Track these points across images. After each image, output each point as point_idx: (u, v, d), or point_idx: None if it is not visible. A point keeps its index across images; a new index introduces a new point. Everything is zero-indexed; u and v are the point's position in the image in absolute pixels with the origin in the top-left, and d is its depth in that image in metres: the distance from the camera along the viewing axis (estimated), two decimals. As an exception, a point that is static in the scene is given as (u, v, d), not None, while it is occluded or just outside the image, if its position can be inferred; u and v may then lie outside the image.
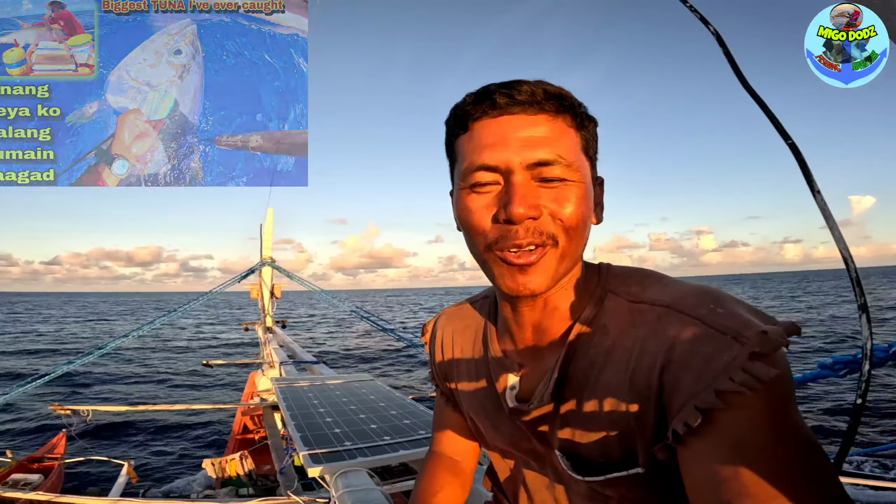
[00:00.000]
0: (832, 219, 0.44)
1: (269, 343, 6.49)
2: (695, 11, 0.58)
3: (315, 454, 1.72)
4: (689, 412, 0.42)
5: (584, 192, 0.52)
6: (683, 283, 0.53)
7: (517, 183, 0.50)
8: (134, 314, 48.72)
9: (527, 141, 0.51)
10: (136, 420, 8.48)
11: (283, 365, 4.44)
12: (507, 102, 0.51)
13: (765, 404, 0.41)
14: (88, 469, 5.78)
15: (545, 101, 0.51)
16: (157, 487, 5.76)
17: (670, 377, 0.45)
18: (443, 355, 0.76)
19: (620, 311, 0.53)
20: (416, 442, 1.81)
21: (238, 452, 4.64)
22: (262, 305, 9.21)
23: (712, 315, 0.45)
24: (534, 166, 0.50)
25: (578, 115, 0.54)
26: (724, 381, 0.41)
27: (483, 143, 0.52)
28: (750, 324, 0.42)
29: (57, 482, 5.03)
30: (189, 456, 7.07)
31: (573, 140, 0.53)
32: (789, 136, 0.49)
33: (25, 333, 28.44)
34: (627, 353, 0.50)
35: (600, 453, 0.52)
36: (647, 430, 0.48)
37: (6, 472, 4.90)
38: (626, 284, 0.55)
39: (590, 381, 0.53)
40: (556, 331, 0.57)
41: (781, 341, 0.41)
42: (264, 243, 9.14)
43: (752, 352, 0.41)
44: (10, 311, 56.54)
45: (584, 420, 0.53)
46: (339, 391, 2.75)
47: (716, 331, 0.44)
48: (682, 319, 0.47)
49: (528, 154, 0.50)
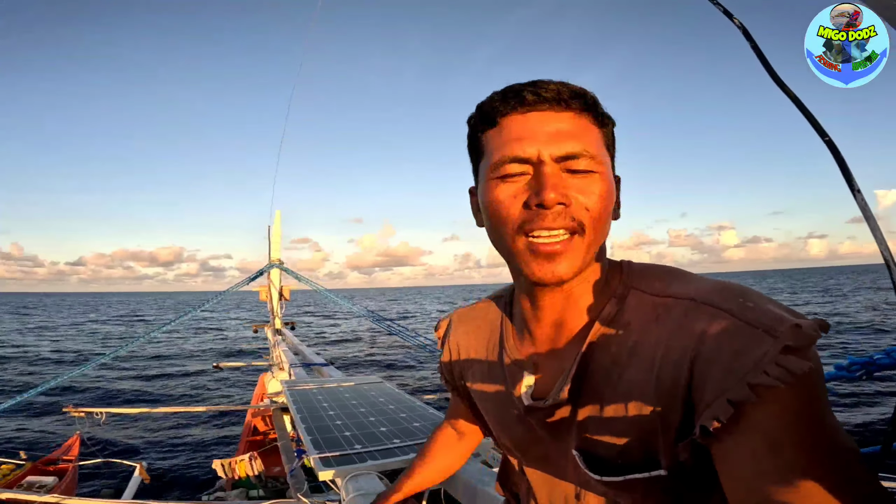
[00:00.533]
0: (874, 219, 0.42)
1: (278, 346, 6.53)
2: (717, 4, 0.56)
3: (325, 457, 1.72)
4: (721, 406, 0.41)
5: (608, 185, 0.54)
6: (707, 279, 0.52)
7: (548, 172, 0.52)
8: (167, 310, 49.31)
9: (555, 135, 0.52)
10: (148, 421, 8.56)
11: (293, 367, 4.45)
12: (534, 99, 0.53)
13: (799, 399, 0.40)
14: (102, 471, 5.83)
15: (570, 99, 0.54)
16: (169, 488, 5.81)
17: (699, 372, 0.44)
18: (458, 354, 0.77)
19: (644, 307, 0.53)
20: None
21: (248, 454, 4.67)
22: (270, 307, 9.26)
23: (742, 309, 0.45)
24: (562, 159, 0.52)
25: (599, 113, 0.56)
26: (757, 374, 0.40)
27: (513, 136, 0.54)
28: (782, 318, 0.42)
29: (71, 484, 5.09)
30: (200, 457, 7.12)
31: (596, 136, 0.55)
32: (826, 133, 0.47)
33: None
34: (652, 350, 0.49)
35: (619, 453, 0.52)
36: (672, 429, 0.47)
37: (21, 474, 4.96)
38: (648, 280, 0.55)
39: (612, 380, 0.52)
40: (576, 327, 0.57)
41: (815, 335, 0.41)
42: (272, 245, 9.18)
43: (786, 345, 0.40)
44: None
45: (605, 419, 0.53)
46: (348, 394, 2.75)
47: (747, 324, 0.43)
48: (711, 313, 0.46)
49: (556, 147, 0.52)
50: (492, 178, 0.55)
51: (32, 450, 5.81)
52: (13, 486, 4.69)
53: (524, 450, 0.66)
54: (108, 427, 6.63)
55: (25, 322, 37.72)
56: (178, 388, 12.75)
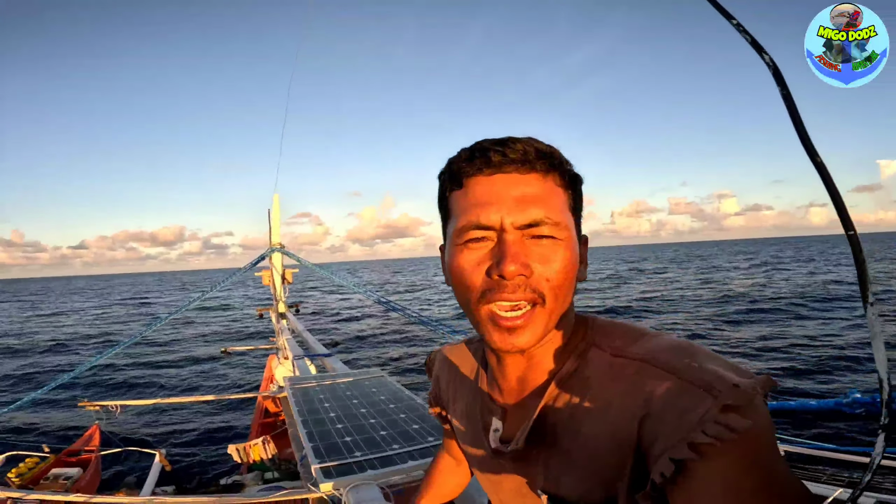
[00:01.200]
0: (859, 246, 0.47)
1: (282, 333, 6.64)
2: (744, 32, 0.54)
3: (326, 467, 1.80)
4: (664, 463, 0.45)
5: (571, 253, 0.55)
6: (664, 338, 0.55)
7: (509, 241, 0.52)
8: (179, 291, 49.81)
9: (519, 200, 0.53)
10: (162, 411, 8.79)
11: (296, 360, 4.55)
12: (501, 160, 0.54)
13: (741, 455, 0.43)
14: (123, 460, 6.04)
15: (536, 160, 0.54)
16: (188, 474, 6.02)
17: (648, 430, 0.48)
18: (440, 390, 0.83)
19: (602, 365, 0.56)
20: (423, 451, 1.88)
21: (261, 437, 4.82)
22: (273, 291, 9.34)
23: (687, 369, 0.48)
24: (525, 227, 0.53)
25: (566, 173, 0.57)
26: (697, 433, 0.43)
27: (478, 200, 0.54)
28: (723, 377, 0.45)
29: (95, 475, 5.23)
30: (215, 442, 7.36)
31: (561, 199, 0.56)
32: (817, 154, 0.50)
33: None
34: (607, 407, 0.52)
35: (580, 497, 0.55)
36: (627, 477, 0.51)
37: (46, 466, 5.08)
38: (609, 338, 0.58)
39: (570, 431, 0.55)
40: (537, 382, 0.60)
41: (754, 393, 0.43)
42: (273, 229, 9.18)
43: (725, 404, 0.43)
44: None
45: (565, 465, 0.56)
46: (349, 391, 2.84)
47: (690, 384, 0.46)
48: (658, 374, 0.49)
49: (519, 214, 0.53)
50: (457, 243, 0.56)
51: (53, 443, 5.99)
52: (39, 479, 4.84)
53: (499, 483, 0.69)
54: (123, 418, 6.79)
55: (38, 309, 38.15)
56: (188, 375, 12.97)
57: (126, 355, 14.47)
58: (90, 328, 24.85)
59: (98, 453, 5.52)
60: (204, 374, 13.05)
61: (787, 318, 15.19)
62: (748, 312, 16.60)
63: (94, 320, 28.92)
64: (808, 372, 9.27)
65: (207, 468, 6.44)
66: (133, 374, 13.12)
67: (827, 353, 10.40)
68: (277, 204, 9.37)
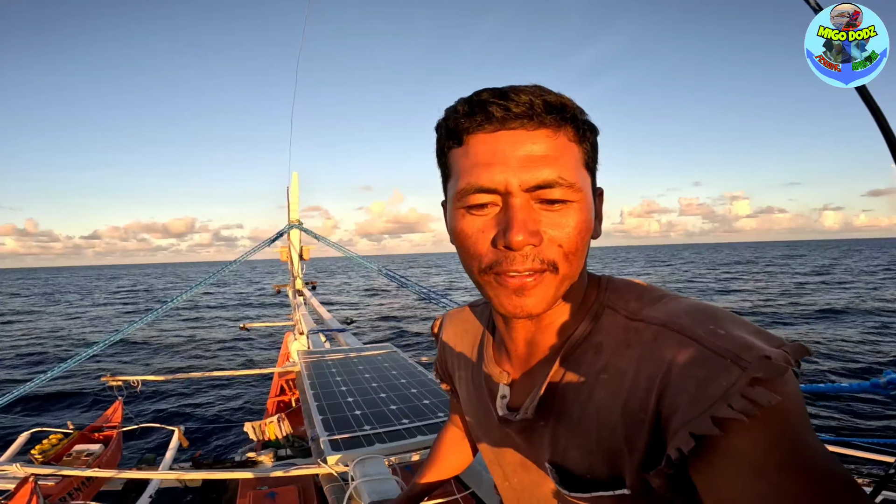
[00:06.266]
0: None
1: (298, 308, 6.65)
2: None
3: (335, 440, 1.73)
4: (683, 438, 0.41)
5: (586, 213, 0.50)
6: (684, 300, 0.50)
7: (516, 207, 0.47)
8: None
9: (526, 160, 0.47)
10: (182, 387, 8.98)
11: (311, 334, 4.52)
12: (503, 115, 0.47)
13: (768, 431, 0.39)
14: (143, 436, 6.18)
15: (545, 113, 0.47)
16: (205, 450, 6.13)
17: (666, 402, 0.44)
18: (445, 355, 0.80)
19: (616, 329, 0.52)
20: (433, 426, 1.80)
21: (276, 415, 4.86)
22: (291, 268, 9.41)
23: (712, 336, 0.43)
24: (534, 189, 0.47)
25: (580, 126, 0.50)
26: (721, 407, 0.39)
27: (480, 160, 0.48)
28: (752, 346, 0.40)
29: (116, 451, 5.38)
30: (232, 419, 7.48)
31: (575, 156, 0.50)
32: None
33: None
34: (621, 374, 0.49)
35: (587, 470, 0.52)
36: (637, 453, 0.47)
37: (70, 442, 5.25)
38: (624, 300, 0.54)
39: (580, 399, 0.52)
40: (547, 346, 0.57)
41: (786, 365, 0.39)
42: (291, 206, 9.20)
43: (754, 377, 0.39)
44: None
45: (574, 437, 0.53)
46: (361, 365, 2.77)
47: (714, 352, 0.42)
48: (678, 340, 0.45)
49: (527, 175, 0.47)
50: (458, 206, 0.51)
51: (77, 418, 6.14)
52: (62, 455, 4.98)
53: (501, 453, 0.67)
54: (144, 393, 6.99)
55: (57, 299, 39.23)
56: (207, 351, 13.29)
57: (147, 333, 14.81)
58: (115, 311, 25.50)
59: (120, 429, 5.67)
60: (223, 349, 13.32)
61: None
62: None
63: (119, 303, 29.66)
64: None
65: (223, 445, 6.54)
66: (153, 351, 13.46)
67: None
68: (296, 181, 9.38)
